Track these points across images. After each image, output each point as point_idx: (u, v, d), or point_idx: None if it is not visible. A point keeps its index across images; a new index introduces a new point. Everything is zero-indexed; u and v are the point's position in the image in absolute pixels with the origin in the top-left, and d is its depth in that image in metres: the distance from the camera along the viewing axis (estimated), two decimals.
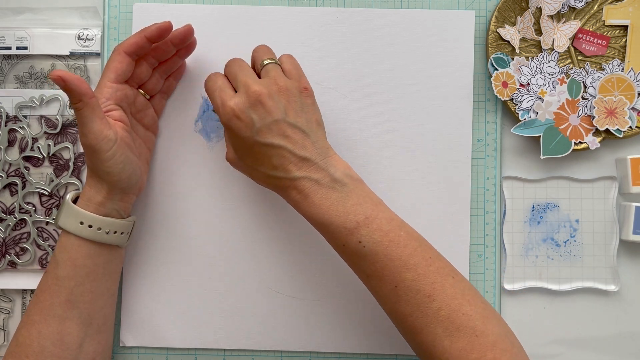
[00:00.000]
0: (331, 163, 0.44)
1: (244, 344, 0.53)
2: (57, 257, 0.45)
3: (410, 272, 0.41)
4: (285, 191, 0.44)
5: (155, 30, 0.47)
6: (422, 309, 0.41)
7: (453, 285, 0.41)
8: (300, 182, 0.43)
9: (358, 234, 0.42)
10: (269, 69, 0.45)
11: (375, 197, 0.44)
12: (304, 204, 0.43)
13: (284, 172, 0.43)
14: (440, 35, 0.54)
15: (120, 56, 0.47)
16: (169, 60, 0.51)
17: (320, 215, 0.43)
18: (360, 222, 0.42)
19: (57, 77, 0.40)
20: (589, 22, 0.53)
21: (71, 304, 0.45)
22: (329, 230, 0.43)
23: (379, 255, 0.42)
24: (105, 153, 0.43)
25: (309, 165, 0.43)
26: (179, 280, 0.54)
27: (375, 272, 0.42)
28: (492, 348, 0.40)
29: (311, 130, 0.44)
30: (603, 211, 0.54)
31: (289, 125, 0.43)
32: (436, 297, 0.41)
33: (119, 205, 0.46)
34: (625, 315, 0.54)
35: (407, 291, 0.41)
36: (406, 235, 0.43)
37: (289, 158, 0.43)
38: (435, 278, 0.41)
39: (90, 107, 0.42)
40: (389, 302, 0.43)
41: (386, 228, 0.42)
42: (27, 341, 0.44)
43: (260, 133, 0.43)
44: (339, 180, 0.43)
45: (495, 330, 0.40)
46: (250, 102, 0.43)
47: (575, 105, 0.53)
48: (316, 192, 0.43)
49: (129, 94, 0.48)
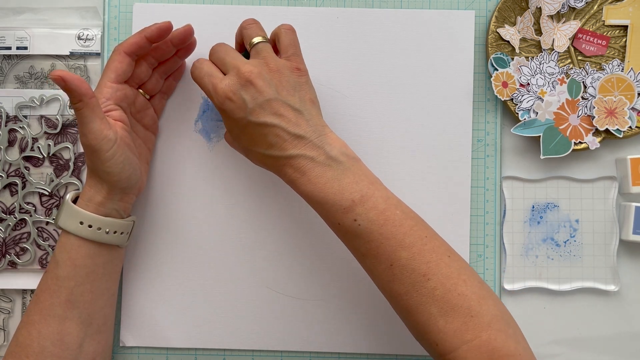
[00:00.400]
0: (327, 141, 0.44)
1: (244, 344, 0.54)
2: (57, 257, 0.45)
3: (406, 250, 0.41)
4: (281, 170, 0.44)
5: (155, 31, 0.47)
6: (417, 288, 0.41)
7: (449, 265, 0.41)
8: (296, 160, 0.43)
9: (353, 212, 0.42)
10: (259, 48, 0.45)
11: (372, 176, 0.44)
12: (300, 182, 0.43)
13: (280, 151, 0.43)
14: (440, 36, 0.54)
15: (120, 56, 0.47)
16: (169, 61, 0.51)
17: (316, 193, 0.43)
18: (356, 200, 0.42)
19: (58, 77, 0.40)
20: (589, 22, 0.53)
21: (71, 304, 0.45)
22: (324, 209, 0.43)
23: (374, 234, 0.42)
24: (105, 153, 0.43)
25: (304, 142, 0.43)
26: (178, 280, 0.54)
27: (370, 251, 0.42)
28: (487, 328, 0.39)
29: (305, 108, 0.44)
30: (603, 211, 0.54)
31: (281, 103, 0.43)
32: (431, 276, 0.41)
33: (119, 205, 0.46)
34: (625, 315, 0.54)
35: (402, 270, 0.41)
36: (402, 214, 0.42)
37: (284, 136, 0.43)
38: (430, 257, 0.41)
39: (90, 107, 0.42)
40: (384, 281, 0.42)
41: (382, 206, 0.42)
42: (27, 341, 0.44)
43: (253, 113, 0.43)
44: (334, 158, 0.43)
45: (492, 310, 0.40)
46: (241, 82, 0.43)
47: (575, 105, 0.53)
48: (312, 170, 0.43)
49: (129, 94, 0.48)
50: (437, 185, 0.54)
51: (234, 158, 0.54)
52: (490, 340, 0.39)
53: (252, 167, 0.53)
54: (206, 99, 0.54)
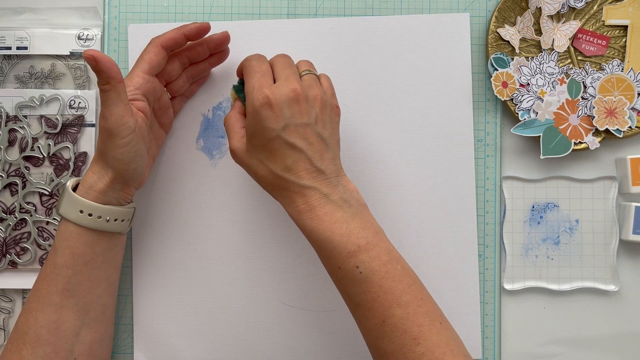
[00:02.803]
0: (342, 183, 0.44)
1: (257, 359, 0.53)
2: (55, 245, 0.45)
3: (401, 309, 0.40)
4: (289, 197, 0.43)
5: (194, 29, 0.48)
6: (405, 351, 0.40)
7: (439, 332, 0.41)
8: (310, 192, 0.42)
9: (357, 259, 0.41)
10: (309, 78, 0.45)
11: (377, 226, 0.44)
12: (307, 216, 0.42)
13: (296, 177, 0.42)
14: (436, 39, 0.54)
15: (157, 48, 0.47)
16: (199, 65, 0.51)
17: (322, 231, 0.42)
18: (361, 246, 0.41)
19: (90, 56, 0.40)
20: (589, 22, 0.53)
21: (68, 292, 0.45)
22: (327, 249, 0.42)
23: (373, 285, 0.41)
24: (121, 139, 0.43)
25: (322, 177, 0.43)
26: (190, 298, 0.54)
27: (365, 302, 0.41)
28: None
29: (332, 145, 0.44)
30: (603, 211, 0.54)
31: (315, 133, 0.43)
32: (422, 341, 0.40)
33: (120, 194, 0.46)
34: (625, 315, 0.54)
35: (393, 329, 0.40)
36: (402, 270, 0.42)
37: (305, 164, 0.42)
38: (423, 321, 0.40)
39: (117, 91, 0.42)
40: (373, 336, 0.42)
41: (385, 258, 0.42)
42: (24, 328, 0.45)
43: (286, 129, 0.42)
44: (347, 201, 0.43)
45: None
46: (288, 97, 0.42)
47: (575, 105, 0.53)
48: (323, 207, 0.42)
49: (157, 88, 0.48)
50: (440, 187, 0.53)
51: (237, 174, 0.54)
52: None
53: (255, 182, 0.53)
54: (206, 115, 0.54)
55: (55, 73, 0.54)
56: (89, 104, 0.54)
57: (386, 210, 0.53)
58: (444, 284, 0.53)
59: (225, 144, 0.54)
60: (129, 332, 0.54)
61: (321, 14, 0.54)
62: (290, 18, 0.54)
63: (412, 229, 0.53)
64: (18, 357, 0.44)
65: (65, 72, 0.54)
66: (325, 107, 0.44)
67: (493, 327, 0.54)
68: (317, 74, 0.46)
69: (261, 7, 0.55)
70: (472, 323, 0.53)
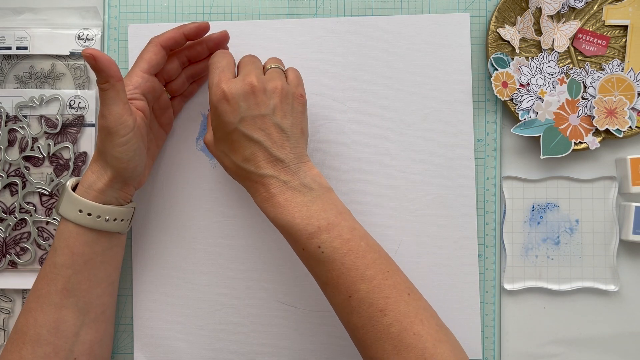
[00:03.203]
0: (303, 169, 0.44)
1: (257, 359, 0.54)
2: (55, 244, 0.45)
3: (365, 283, 0.41)
4: (252, 187, 0.45)
5: (193, 28, 0.48)
6: (373, 323, 0.40)
7: (407, 303, 0.41)
8: (269, 180, 0.43)
9: (318, 239, 0.42)
10: (273, 71, 0.46)
11: (342, 206, 0.44)
12: (269, 203, 0.43)
13: (255, 167, 0.43)
14: (436, 39, 0.54)
15: (156, 48, 0.47)
16: (199, 64, 0.52)
17: (283, 217, 0.43)
18: (321, 227, 0.42)
19: (89, 54, 0.40)
20: (589, 22, 0.53)
21: (68, 292, 0.45)
22: (290, 233, 0.43)
23: (336, 263, 0.41)
24: (120, 138, 0.43)
25: (281, 166, 0.43)
26: (190, 298, 0.54)
27: (331, 280, 0.42)
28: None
29: (293, 134, 0.44)
30: (603, 211, 0.54)
31: (273, 123, 0.43)
32: (388, 312, 0.40)
33: (119, 194, 0.46)
34: (625, 315, 0.54)
35: (360, 303, 0.41)
36: (366, 246, 0.42)
37: (264, 155, 0.43)
38: (389, 292, 0.41)
39: (116, 90, 0.42)
40: (343, 312, 0.42)
41: (347, 236, 0.42)
42: (24, 328, 0.45)
43: (243, 122, 0.43)
44: (307, 185, 0.43)
45: (447, 354, 0.40)
46: (244, 90, 0.43)
47: (575, 105, 0.53)
48: (283, 193, 0.43)
49: (157, 88, 0.49)
50: (440, 187, 0.53)
51: None
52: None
53: None
54: (207, 116, 0.54)
55: (55, 73, 0.54)
56: (89, 104, 0.54)
57: (386, 210, 0.53)
58: (444, 284, 0.53)
59: None
60: (129, 332, 0.54)
61: (321, 14, 0.54)
62: (290, 18, 0.54)
63: (412, 229, 0.53)
64: (18, 357, 0.44)
65: (65, 72, 0.54)
66: (286, 98, 0.44)
67: (493, 327, 0.54)
68: (282, 69, 0.47)
69: (261, 7, 0.55)
70: (472, 323, 0.53)
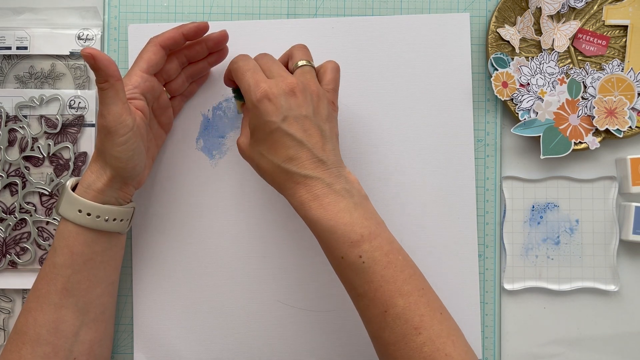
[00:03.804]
0: (344, 174, 0.44)
1: (257, 359, 0.53)
2: (55, 244, 0.45)
3: (403, 298, 0.40)
4: (292, 188, 0.43)
5: (192, 28, 0.48)
6: (407, 341, 0.40)
7: (440, 322, 0.41)
8: (313, 182, 0.42)
9: (360, 248, 0.41)
10: (305, 70, 0.45)
11: (379, 217, 0.44)
12: (312, 205, 0.42)
13: (298, 168, 0.42)
14: (436, 39, 0.54)
15: (155, 47, 0.47)
16: (198, 64, 0.51)
17: (327, 220, 0.42)
18: (364, 236, 0.41)
19: (88, 54, 0.40)
20: (589, 22, 0.53)
21: (67, 292, 0.45)
22: (331, 238, 0.42)
23: (376, 275, 0.41)
24: (119, 137, 0.43)
25: (324, 168, 0.43)
26: (190, 298, 0.53)
27: (368, 292, 0.41)
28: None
29: (331, 138, 0.44)
30: (603, 211, 0.54)
31: (315, 124, 0.43)
32: (423, 330, 0.40)
33: (118, 193, 0.46)
34: (625, 315, 0.54)
35: (395, 318, 0.40)
36: (404, 260, 0.42)
37: (307, 155, 0.42)
38: (425, 311, 0.41)
39: (115, 90, 0.42)
40: (375, 326, 0.42)
41: (387, 248, 0.42)
42: (23, 328, 0.45)
43: (286, 121, 0.42)
44: (349, 191, 0.43)
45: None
46: (285, 90, 0.42)
47: (575, 105, 0.53)
48: (326, 196, 0.42)
49: (156, 87, 0.48)
50: (440, 187, 0.53)
51: (237, 174, 0.54)
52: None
53: (256, 182, 0.53)
54: (207, 116, 0.54)
55: (55, 73, 0.54)
56: (89, 104, 0.54)
57: (386, 210, 0.53)
58: (444, 284, 0.53)
59: (225, 144, 0.54)
60: (129, 332, 0.54)
61: (321, 14, 0.54)
62: (290, 18, 0.54)
63: (412, 229, 0.53)
64: (17, 357, 0.44)
65: (65, 72, 0.54)
66: (321, 102, 0.44)
67: (493, 327, 0.54)
68: (313, 65, 0.46)
69: (261, 7, 0.55)
70: (472, 323, 0.53)
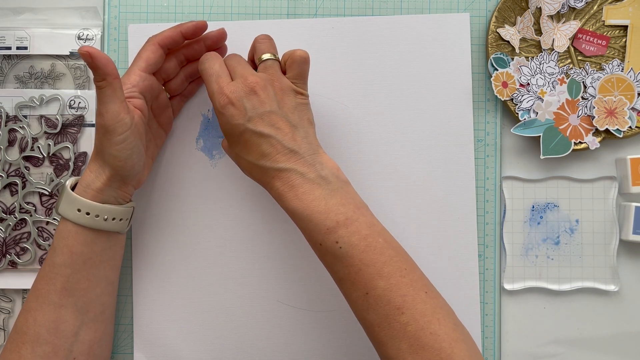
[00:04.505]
0: (319, 160, 0.44)
1: (257, 359, 0.54)
2: (54, 244, 0.45)
3: (383, 280, 0.41)
4: (269, 182, 0.44)
5: (191, 27, 0.48)
6: (390, 321, 0.40)
7: (424, 301, 0.41)
8: (286, 174, 0.43)
9: (336, 234, 0.42)
10: (268, 64, 0.46)
11: (360, 200, 0.44)
12: (287, 197, 0.43)
13: (271, 162, 0.43)
14: (436, 39, 0.54)
15: (153, 46, 0.47)
16: (197, 63, 0.51)
17: (302, 210, 0.42)
18: (340, 222, 0.42)
19: (86, 52, 0.40)
20: (589, 22, 0.53)
21: (67, 292, 0.45)
22: (308, 227, 0.43)
23: (354, 259, 0.41)
24: (117, 136, 0.43)
25: (296, 158, 0.43)
26: (189, 298, 0.53)
27: (348, 276, 0.42)
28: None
29: (302, 126, 0.45)
30: (603, 211, 0.54)
31: (280, 117, 0.44)
32: (405, 310, 0.40)
33: (118, 193, 0.46)
34: (625, 315, 0.54)
35: (377, 300, 0.41)
36: (384, 243, 0.42)
37: (278, 148, 0.43)
38: (407, 290, 0.41)
39: (113, 88, 0.42)
40: (359, 308, 0.42)
41: (365, 232, 0.42)
42: (23, 328, 0.45)
43: (251, 121, 0.43)
44: (325, 178, 0.43)
45: (463, 354, 0.39)
46: (246, 91, 0.43)
47: (575, 105, 0.53)
48: (301, 186, 0.43)
49: (155, 86, 0.48)
50: (440, 187, 0.53)
51: (237, 174, 0.54)
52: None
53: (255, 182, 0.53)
54: (206, 115, 0.54)
55: (55, 73, 0.54)
56: (89, 104, 0.54)
57: (386, 210, 0.53)
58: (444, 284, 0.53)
59: None
60: (129, 332, 0.54)
61: (321, 14, 0.54)
62: (290, 18, 0.54)
63: (412, 228, 0.53)
64: (17, 357, 0.44)
65: (65, 72, 0.54)
66: (286, 95, 0.45)
67: (493, 327, 0.54)
68: (277, 58, 0.47)
69: (261, 7, 0.55)
70: (472, 323, 0.53)
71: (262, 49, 0.47)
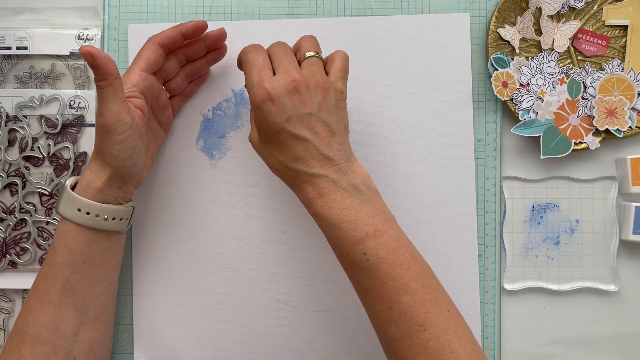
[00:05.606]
0: (352, 168, 0.43)
1: (257, 359, 0.54)
2: (54, 244, 0.45)
3: (408, 295, 0.40)
4: (300, 186, 0.44)
5: (190, 27, 0.48)
6: (412, 337, 0.40)
7: (447, 319, 0.41)
8: (318, 180, 0.42)
9: (364, 246, 0.41)
10: (312, 61, 0.44)
11: (388, 212, 0.44)
12: (317, 203, 0.42)
13: (305, 166, 0.43)
14: (436, 39, 0.54)
15: (153, 46, 0.47)
16: (197, 62, 0.52)
17: (331, 218, 0.42)
18: (369, 234, 0.41)
19: (87, 52, 0.40)
20: (589, 22, 0.53)
21: (67, 292, 0.45)
22: (335, 235, 0.42)
23: (380, 272, 0.41)
24: (118, 135, 0.43)
25: (330, 164, 0.43)
26: (190, 299, 0.53)
27: (372, 288, 0.41)
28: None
29: (339, 131, 0.44)
30: (603, 211, 0.54)
31: (320, 121, 0.43)
32: (428, 327, 0.40)
33: (118, 192, 0.46)
34: (625, 315, 0.54)
35: (400, 315, 0.40)
36: (411, 258, 0.42)
37: (313, 153, 0.42)
38: (430, 307, 0.40)
39: (113, 88, 0.42)
40: (380, 322, 0.42)
41: (393, 245, 0.42)
42: (23, 328, 0.45)
43: (290, 121, 0.42)
44: (356, 187, 0.43)
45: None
46: (288, 88, 0.42)
47: (575, 105, 0.53)
48: (332, 193, 0.42)
49: (155, 86, 0.48)
50: (440, 187, 0.53)
51: (237, 174, 0.54)
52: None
53: (256, 182, 0.53)
54: (207, 116, 0.54)
55: (55, 73, 0.54)
56: (89, 104, 0.54)
57: None
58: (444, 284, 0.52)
59: (225, 144, 0.54)
60: (129, 332, 0.54)
61: (321, 14, 0.54)
62: (290, 18, 0.54)
63: (412, 228, 0.53)
64: (17, 357, 0.44)
65: (65, 72, 0.54)
66: (328, 94, 0.43)
67: (493, 327, 0.54)
68: (321, 56, 0.46)
69: (261, 7, 0.55)
70: (472, 323, 0.53)
71: (306, 47, 0.46)
